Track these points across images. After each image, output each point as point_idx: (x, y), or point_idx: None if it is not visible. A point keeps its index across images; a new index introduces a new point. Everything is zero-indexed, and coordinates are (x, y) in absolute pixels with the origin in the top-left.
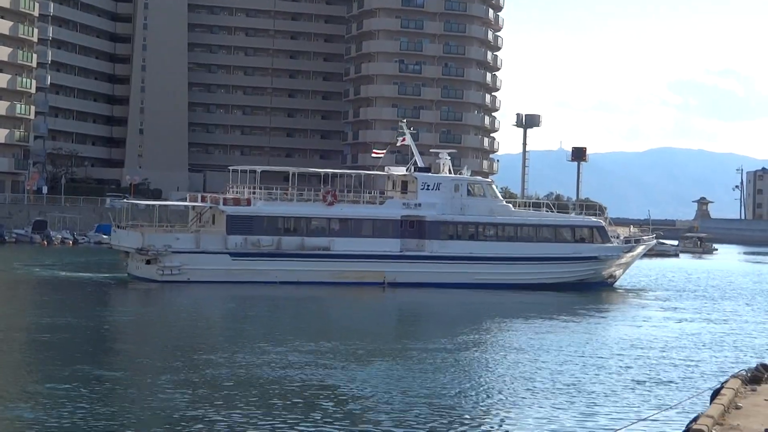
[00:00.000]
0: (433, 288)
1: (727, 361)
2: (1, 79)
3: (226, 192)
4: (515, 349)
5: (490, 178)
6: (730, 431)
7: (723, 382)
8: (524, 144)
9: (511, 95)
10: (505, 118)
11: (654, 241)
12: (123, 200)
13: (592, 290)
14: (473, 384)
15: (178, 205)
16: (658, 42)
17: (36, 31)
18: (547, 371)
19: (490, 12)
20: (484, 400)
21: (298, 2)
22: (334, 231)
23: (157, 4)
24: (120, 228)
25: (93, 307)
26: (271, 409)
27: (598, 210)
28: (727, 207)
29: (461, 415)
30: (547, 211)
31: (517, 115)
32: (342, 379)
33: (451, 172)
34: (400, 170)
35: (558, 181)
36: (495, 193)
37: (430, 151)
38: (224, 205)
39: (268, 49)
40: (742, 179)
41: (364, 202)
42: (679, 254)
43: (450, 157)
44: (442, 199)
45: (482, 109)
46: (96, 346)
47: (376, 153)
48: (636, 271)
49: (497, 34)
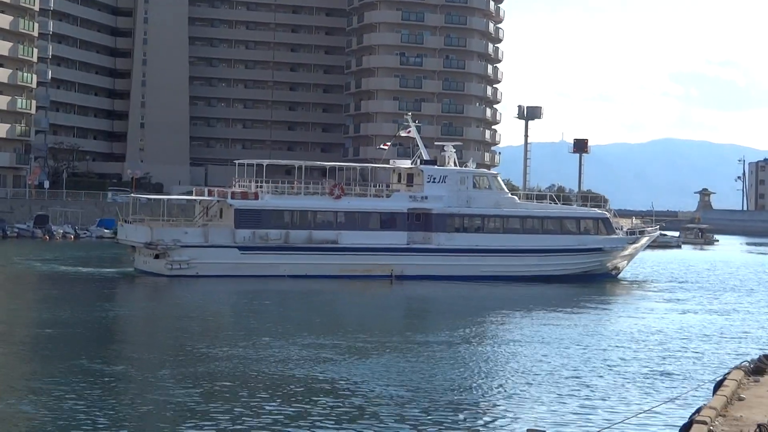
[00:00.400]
0: (439, 281)
1: (729, 353)
2: (2, 74)
3: (232, 186)
4: (518, 342)
5: (492, 170)
6: (733, 422)
7: (726, 374)
8: (526, 136)
9: (513, 87)
10: (506, 110)
11: (657, 232)
12: (129, 195)
13: (597, 282)
14: (475, 376)
15: (186, 200)
16: (659, 33)
17: (36, 25)
18: (551, 363)
19: (491, 3)
20: (486, 393)
21: None
22: (341, 224)
23: None
24: (127, 223)
25: (104, 302)
26: (277, 403)
27: (600, 201)
28: (730, 198)
29: (463, 408)
30: (551, 203)
31: (519, 107)
32: (346, 373)
33: (456, 165)
34: (405, 163)
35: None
36: (500, 185)
37: (435, 144)
38: (232, 199)
39: (269, 43)
40: (744, 170)
41: (370, 196)
42: (681, 245)
43: (456, 150)
44: (448, 192)
45: (483, 101)
46: (109, 341)
47: (384, 146)
48: (639, 262)
49: (498, 25)
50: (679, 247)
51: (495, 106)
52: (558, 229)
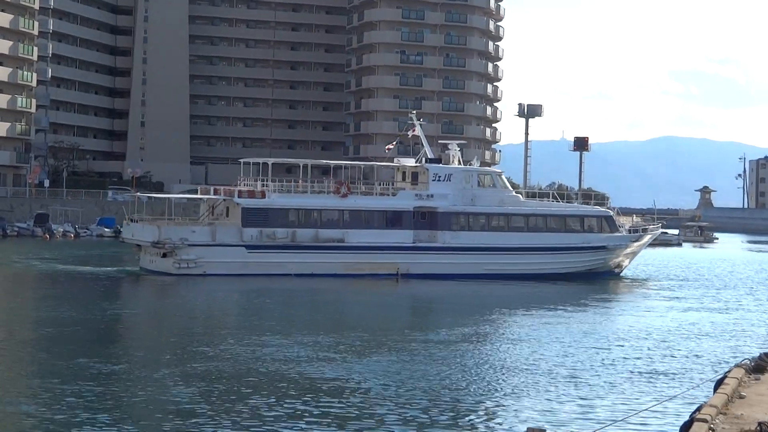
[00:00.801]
0: (445, 279)
1: (730, 351)
2: (2, 73)
3: (238, 184)
4: (519, 340)
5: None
6: (733, 420)
7: (726, 372)
8: (526, 134)
9: (513, 85)
10: (506, 108)
11: (660, 230)
12: (132, 194)
13: (600, 280)
14: (475, 375)
15: (193, 198)
16: (659, 31)
17: (37, 24)
18: (551, 362)
19: (491, 1)
20: (486, 391)
21: None
22: (347, 223)
23: None
24: (133, 221)
25: (114, 301)
26: (279, 402)
27: (600, 199)
28: (730, 196)
29: (463, 406)
30: (553, 201)
31: (519, 105)
32: (347, 372)
33: (460, 163)
34: (410, 161)
35: (560, 171)
36: (504, 183)
37: (439, 142)
38: (239, 197)
39: (269, 41)
40: (744, 168)
41: (376, 194)
42: (682, 243)
43: (460, 148)
44: (454, 190)
45: (484, 99)
46: (122, 340)
47: (389, 147)
48: (640, 260)
49: (498, 24)
50: (679, 245)
51: (495, 104)
52: (562, 228)
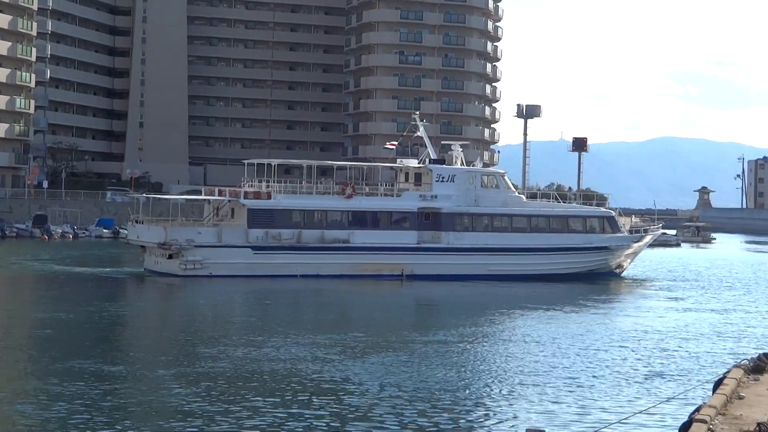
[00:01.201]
0: (449, 280)
1: (728, 351)
2: (1, 74)
3: (242, 185)
4: (519, 341)
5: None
6: (732, 421)
7: (725, 372)
8: (525, 134)
9: (512, 86)
10: (505, 109)
11: (660, 231)
12: (135, 194)
13: (602, 280)
14: (473, 375)
15: (196, 199)
16: (658, 32)
17: (35, 24)
18: (550, 362)
19: (490, 2)
20: (485, 392)
21: None
22: (352, 224)
23: None
24: (138, 223)
25: (121, 303)
26: (280, 403)
27: (600, 200)
28: (729, 196)
29: (461, 407)
30: (554, 201)
31: (518, 105)
32: (346, 373)
33: (463, 164)
34: (412, 162)
35: (559, 172)
36: (507, 184)
37: (442, 143)
38: (245, 198)
39: (267, 42)
40: (743, 168)
41: (381, 195)
42: (681, 244)
43: (462, 149)
44: (457, 191)
45: (483, 99)
46: (130, 342)
47: (390, 145)
48: (639, 260)
49: (497, 24)
50: (678, 245)
51: (494, 105)
52: (565, 228)
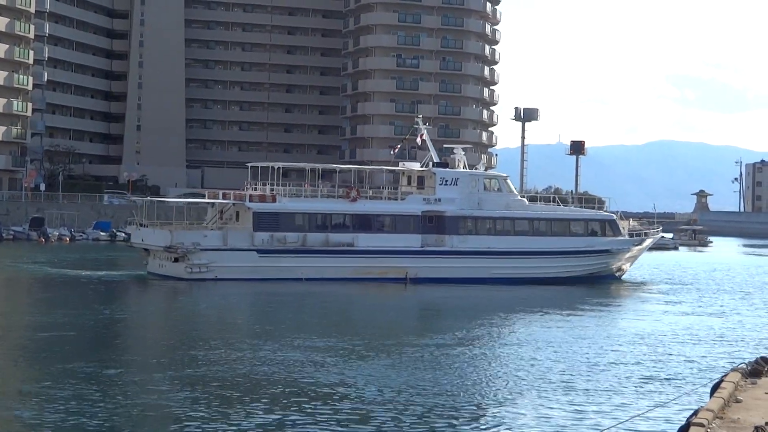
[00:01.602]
0: (452, 283)
1: (726, 355)
2: None
3: (246, 189)
4: (518, 345)
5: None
6: (730, 425)
7: (723, 376)
8: (522, 138)
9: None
10: (503, 112)
11: (660, 234)
12: (147, 198)
13: (603, 283)
14: (471, 380)
15: (198, 202)
16: (655, 35)
17: (33, 27)
18: (547, 366)
19: (488, 5)
20: (481, 397)
21: None
22: (357, 227)
23: (154, 0)
24: (143, 226)
25: (127, 306)
26: (286, 405)
27: (598, 203)
28: (727, 199)
29: (456, 413)
30: (552, 205)
31: (515, 108)
32: (342, 376)
33: (466, 167)
34: (415, 165)
35: (556, 175)
36: (510, 187)
37: (444, 146)
38: (250, 202)
39: (265, 45)
40: (741, 172)
41: (385, 198)
42: (678, 247)
43: (464, 152)
44: (461, 195)
45: (480, 103)
46: (136, 345)
47: (395, 150)
48: (638, 263)
49: (495, 27)
50: (676, 248)
51: (492, 108)
52: (567, 231)
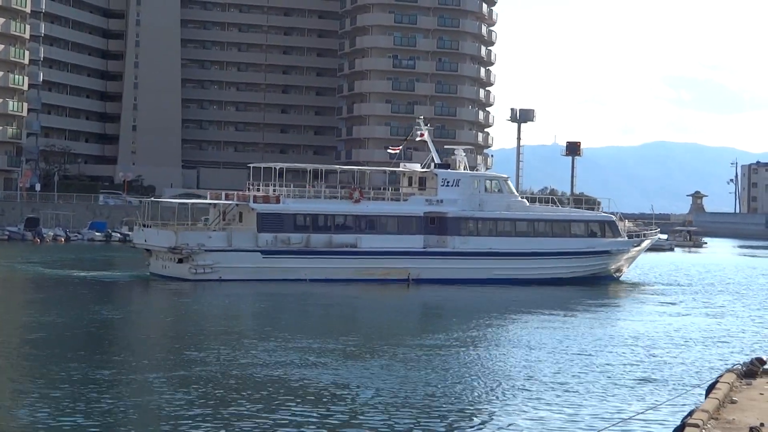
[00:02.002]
0: (454, 284)
1: (721, 356)
2: None
3: (248, 189)
4: (514, 346)
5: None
6: (725, 425)
7: (718, 377)
8: (518, 139)
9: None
10: (499, 113)
11: (657, 235)
12: (150, 199)
13: (602, 284)
14: (466, 381)
15: (207, 203)
16: (652, 36)
17: (28, 27)
18: (543, 368)
19: (484, 6)
20: (477, 398)
21: None
22: (360, 228)
23: (150, 1)
24: (146, 227)
25: (130, 307)
26: (285, 406)
27: (595, 204)
28: (722, 201)
29: (449, 414)
30: (553, 206)
31: (511, 109)
32: (337, 377)
33: (467, 169)
34: (415, 166)
35: (552, 176)
36: (511, 188)
37: (444, 147)
38: (254, 202)
39: (261, 45)
40: (736, 173)
41: (388, 199)
42: (674, 248)
43: (465, 154)
44: (462, 196)
45: (476, 104)
46: (141, 347)
47: (393, 149)
48: (634, 265)
49: (491, 28)
50: (671, 249)
51: (488, 109)
52: (567, 233)
